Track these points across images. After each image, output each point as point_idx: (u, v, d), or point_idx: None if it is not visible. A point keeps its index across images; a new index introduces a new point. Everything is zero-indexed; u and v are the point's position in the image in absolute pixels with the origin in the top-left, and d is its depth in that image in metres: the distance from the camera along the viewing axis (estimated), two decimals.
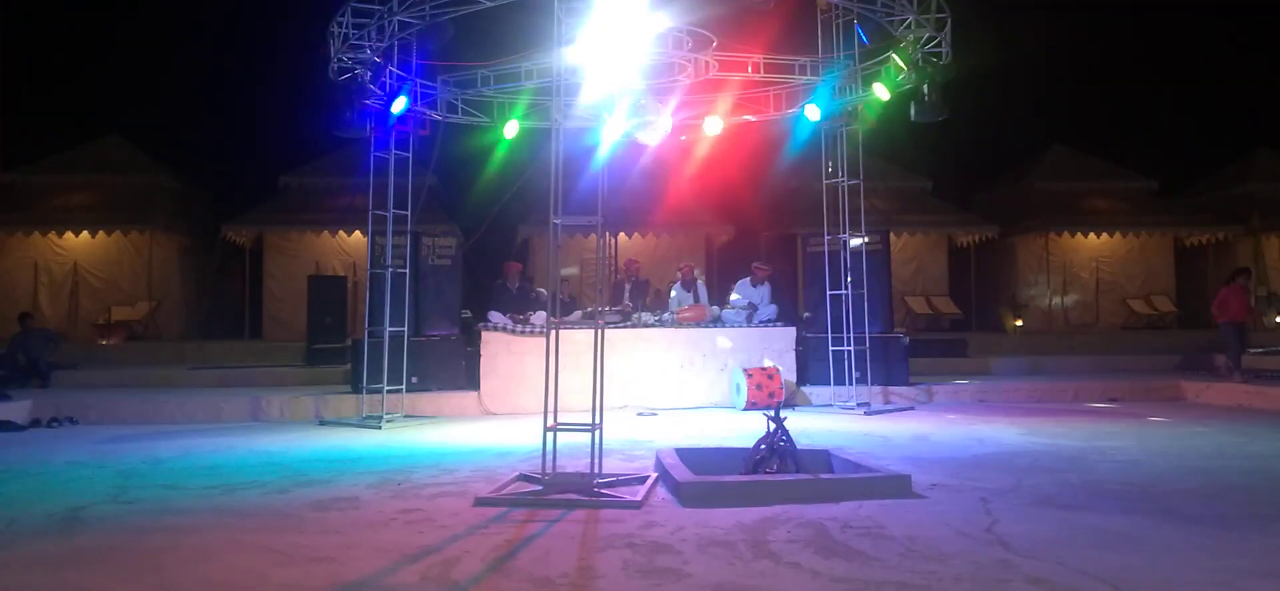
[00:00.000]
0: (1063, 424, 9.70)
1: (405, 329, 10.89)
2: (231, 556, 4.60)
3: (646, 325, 12.22)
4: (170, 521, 5.39)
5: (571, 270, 19.26)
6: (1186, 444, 8.23)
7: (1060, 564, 4.27)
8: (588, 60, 8.68)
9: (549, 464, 6.11)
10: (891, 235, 16.25)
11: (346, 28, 10.12)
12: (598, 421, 6.11)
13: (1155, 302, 20.87)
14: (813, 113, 11.99)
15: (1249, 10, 28.74)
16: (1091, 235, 21.07)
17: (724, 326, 12.35)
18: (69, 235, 19.19)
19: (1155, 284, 21.33)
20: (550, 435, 6.11)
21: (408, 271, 11.22)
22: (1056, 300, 21.08)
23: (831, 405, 11.68)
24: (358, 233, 18.94)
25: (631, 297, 13.41)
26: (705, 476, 5.97)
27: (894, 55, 10.87)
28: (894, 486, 5.88)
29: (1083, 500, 5.73)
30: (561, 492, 5.87)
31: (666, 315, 12.61)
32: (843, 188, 11.83)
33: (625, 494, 5.85)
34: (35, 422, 10.39)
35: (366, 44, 10.20)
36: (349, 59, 10.35)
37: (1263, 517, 5.27)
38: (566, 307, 13.35)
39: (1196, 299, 22.16)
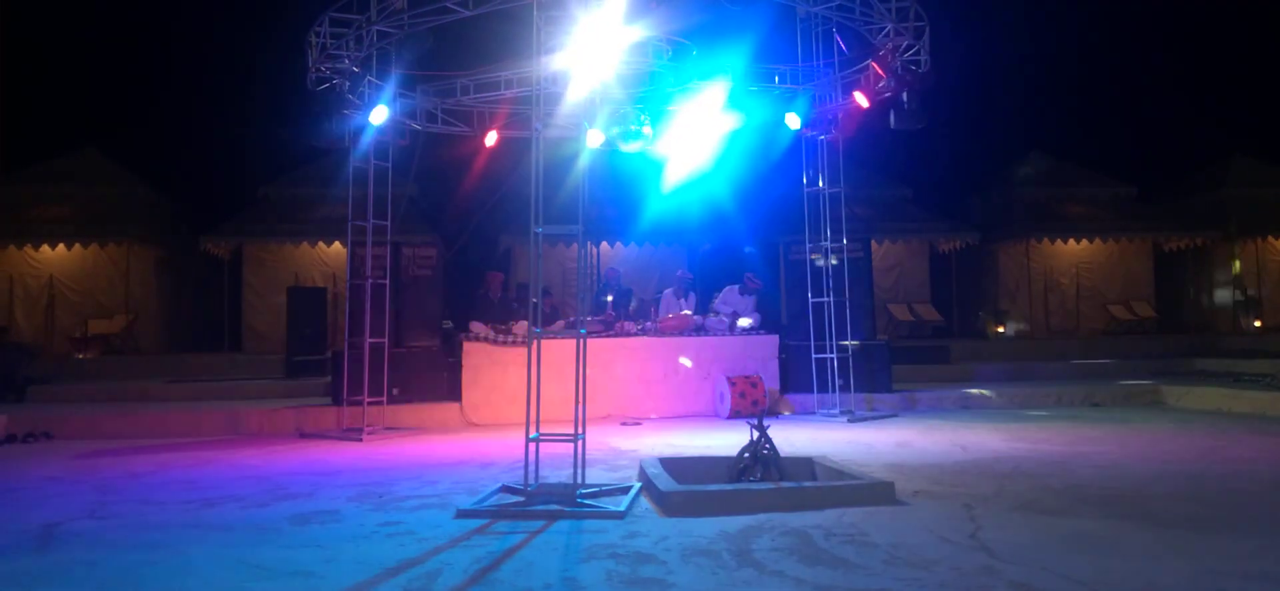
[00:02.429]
0: (1044, 429, 9.73)
1: (386, 340, 10.83)
2: (210, 571, 4.55)
3: (629, 334, 12.19)
4: (148, 536, 5.33)
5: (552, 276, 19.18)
6: (1167, 448, 8.27)
7: (1043, 569, 4.27)
8: (568, 69, 8.67)
9: (532, 475, 6.08)
10: (873, 242, 16.30)
11: (324, 37, 10.07)
12: (581, 432, 6.09)
13: (1135, 308, 21.02)
14: (793, 121, 12.02)
15: (1225, 18, 29.07)
16: (1072, 241, 21.21)
17: (707, 335, 12.34)
18: (45, 248, 18.99)
19: (1135, 289, 21.48)
20: (533, 446, 6.08)
21: (388, 282, 11.16)
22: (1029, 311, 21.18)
23: (815, 413, 11.69)
24: (337, 243, 18.86)
25: (614, 307, 13.38)
26: (689, 485, 5.95)
27: (873, 63, 10.92)
28: (877, 494, 5.88)
29: (1065, 505, 5.75)
30: (544, 503, 5.83)
31: (650, 324, 12.59)
32: (824, 195, 11.86)
33: (608, 504, 5.82)
34: (10, 438, 10.26)
35: (345, 53, 10.15)
36: (327, 69, 10.29)
37: (1243, 521, 5.30)
38: (549, 317, 13.31)
39: (1176, 304, 22.38)
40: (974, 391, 12.59)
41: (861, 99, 11.11)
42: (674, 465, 6.64)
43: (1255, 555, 4.54)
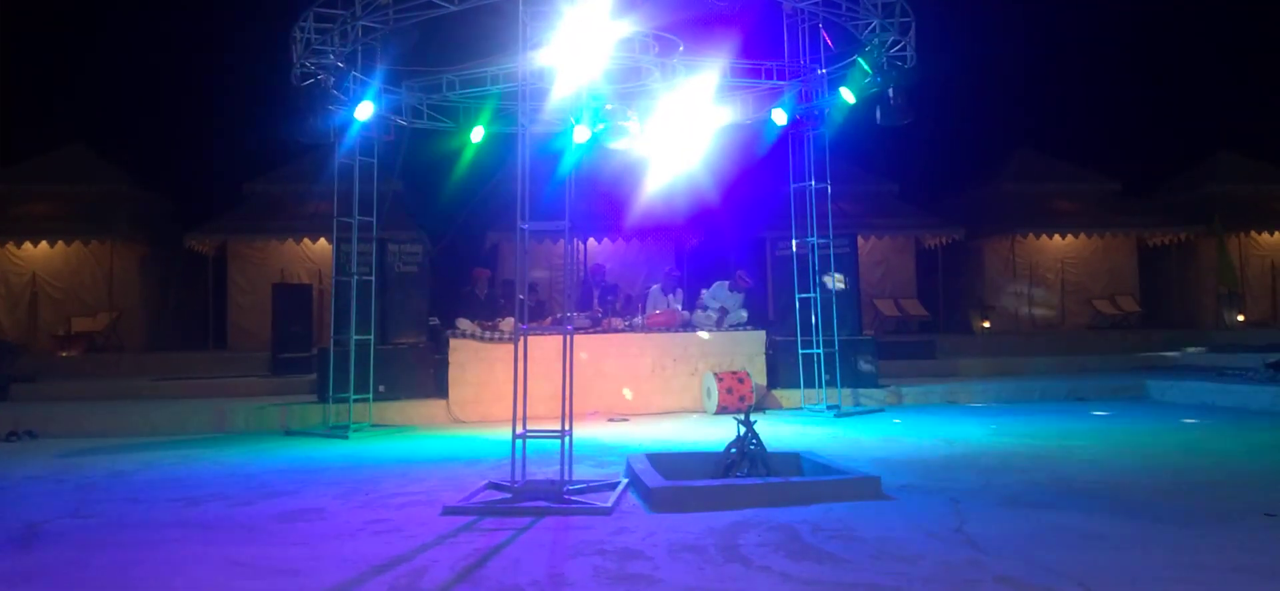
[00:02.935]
0: (1030, 424, 9.77)
1: (371, 337, 10.79)
2: (195, 570, 4.52)
3: (616, 330, 12.18)
4: (133, 535, 5.30)
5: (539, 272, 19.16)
6: (1151, 442, 8.32)
7: (1029, 562, 4.29)
8: (554, 64, 8.65)
9: (518, 471, 6.07)
10: (859, 238, 16.32)
11: (309, 33, 10.00)
12: (567, 428, 6.08)
13: (1120, 303, 21.10)
14: (779, 116, 12.03)
15: (1209, 14, 29.24)
16: (1057, 236, 21.28)
17: (694, 330, 12.33)
18: (27, 245, 18.85)
19: (1120, 284, 21.57)
20: (519, 442, 6.07)
21: (374, 278, 11.11)
22: (1024, 307, 21.25)
23: (802, 408, 11.70)
24: (323, 240, 18.75)
25: (600, 303, 13.37)
26: (676, 481, 5.95)
27: (859, 59, 10.93)
28: (864, 488, 5.89)
29: (1050, 499, 5.77)
30: (531, 500, 5.82)
31: (637, 319, 12.58)
32: (810, 191, 11.87)
33: (595, 500, 5.82)
34: None
35: (329, 49, 10.09)
36: (312, 64, 10.23)
37: (1227, 514, 5.33)
38: (535, 313, 13.30)
39: (1161, 299, 22.49)
40: (959, 386, 12.62)
41: (848, 94, 11.13)
42: (661, 461, 6.63)
43: (1240, 547, 4.57)
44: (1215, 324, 20.86)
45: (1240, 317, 20.80)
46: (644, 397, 11.84)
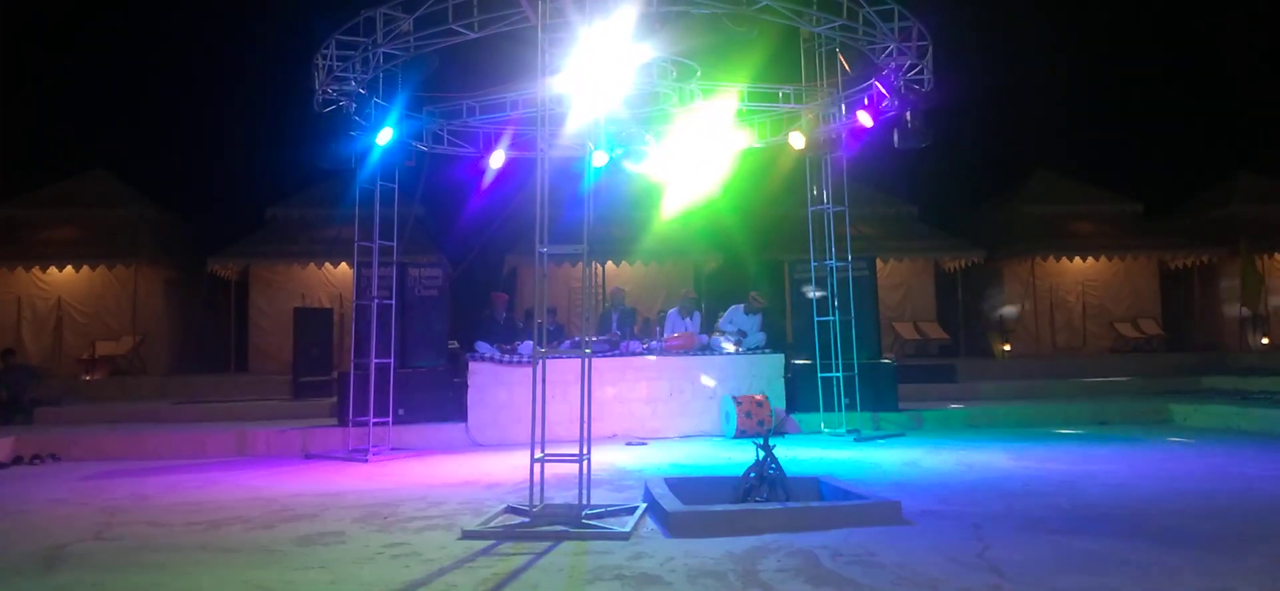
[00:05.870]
0: (1052, 448, 9.69)
1: (391, 360, 10.84)
2: None
3: (634, 354, 12.17)
4: (154, 558, 5.33)
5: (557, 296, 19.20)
6: (1176, 466, 8.24)
7: (1052, 589, 4.25)
8: (573, 90, 8.70)
9: (537, 495, 6.07)
10: (878, 261, 16.28)
11: (331, 60, 10.12)
12: (586, 451, 6.08)
13: (1142, 326, 20.95)
14: (797, 140, 12.04)
15: (1229, 33, 29.11)
16: (1077, 259, 21.16)
17: (713, 354, 12.31)
18: (53, 270, 19.06)
19: (1142, 307, 21.41)
20: (538, 466, 6.07)
21: (394, 303, 11.17)
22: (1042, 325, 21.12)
23: (821, 432, 11.65)
24: (344, 264, 18.88)
25: (619, 326, 13.38)
26: (694, 506, 5.92)
27: (877, 83, 10.94)
28: (884, 513, 5.85)
29: (1073, 524, 5.72)
30: (549, 524, 5.82)
31: (655, 343, 12.57)
32: (829, 214, 11.86)
33: (614, 524, 5.81)
34: (17, 459, 10.27)
35: (351, 76, 10.20)
36: (334, 91, 10.34)
37: (1253, 538, 5.27)
38: (554, 336, 13.32)
39: (1183, 322, 22.29)
40: (980, 410, 12.54)
41: (865, 118, 11.13)
42: (679, 485, 6.62)
43: (1267, 573, 4.51)
44: (1239, 346, 20.66)
45: (1265, 340, 20.60)
46: (662, 421, 11.81)
